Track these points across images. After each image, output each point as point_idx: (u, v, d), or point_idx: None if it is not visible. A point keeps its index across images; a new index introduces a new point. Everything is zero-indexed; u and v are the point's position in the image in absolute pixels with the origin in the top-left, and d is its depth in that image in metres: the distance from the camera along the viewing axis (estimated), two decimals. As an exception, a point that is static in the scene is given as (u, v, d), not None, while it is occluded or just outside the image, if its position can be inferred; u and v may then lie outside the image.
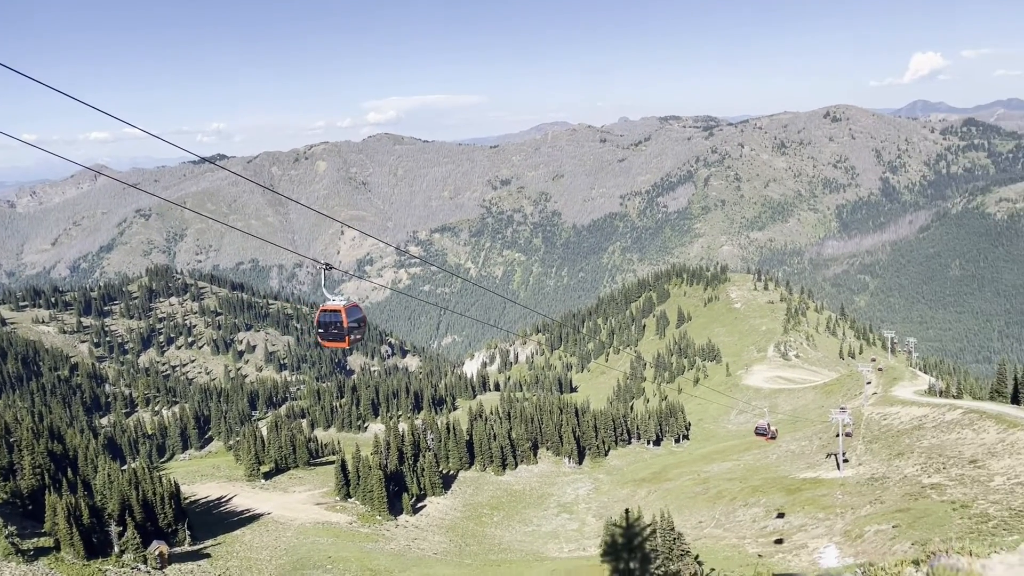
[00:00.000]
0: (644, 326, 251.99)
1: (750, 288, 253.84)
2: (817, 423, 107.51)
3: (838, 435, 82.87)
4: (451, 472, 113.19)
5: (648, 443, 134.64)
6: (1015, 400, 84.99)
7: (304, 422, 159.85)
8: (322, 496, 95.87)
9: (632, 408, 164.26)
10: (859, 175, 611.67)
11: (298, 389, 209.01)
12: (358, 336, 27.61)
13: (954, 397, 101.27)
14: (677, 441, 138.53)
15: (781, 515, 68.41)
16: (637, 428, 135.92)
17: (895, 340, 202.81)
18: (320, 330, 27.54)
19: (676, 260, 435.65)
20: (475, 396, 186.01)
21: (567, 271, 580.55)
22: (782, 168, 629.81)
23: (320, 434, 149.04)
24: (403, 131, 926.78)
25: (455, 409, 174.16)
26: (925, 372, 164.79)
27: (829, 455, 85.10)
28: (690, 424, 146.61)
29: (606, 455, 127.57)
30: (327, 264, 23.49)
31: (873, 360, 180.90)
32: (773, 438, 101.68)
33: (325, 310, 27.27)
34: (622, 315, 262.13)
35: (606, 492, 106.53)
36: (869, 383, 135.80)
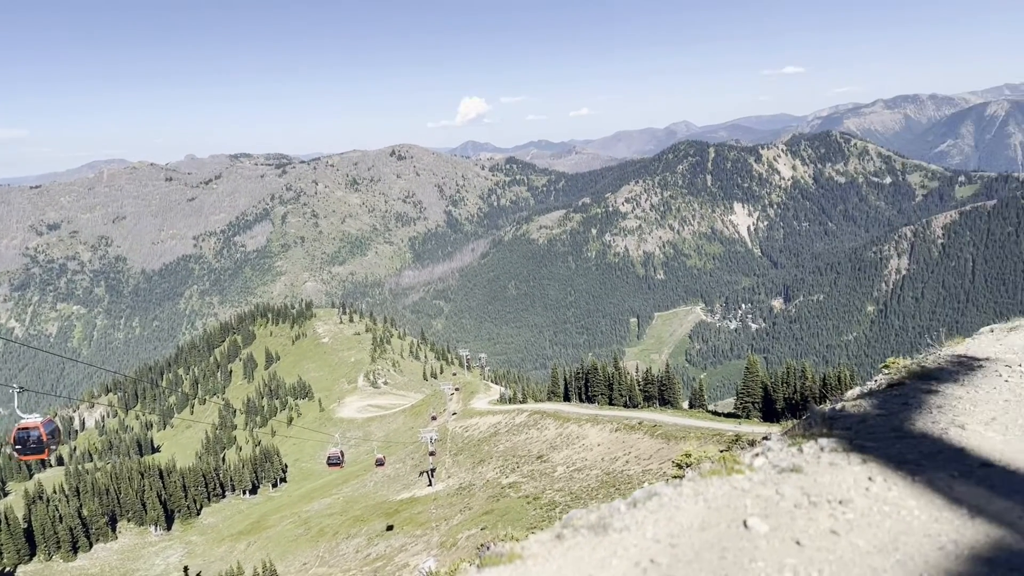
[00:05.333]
0: (231, 371, 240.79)
1: (336, 322, 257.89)
2: (409, 444, 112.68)
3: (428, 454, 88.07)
4: (7, 569, 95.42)
5: (244, 493, 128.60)
6: (566, 397, 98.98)
7: None
8: None
9: (224, 459, 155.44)
10: (426, 209, 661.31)
11: None
12: (54, 447, 29.13)
13: (521, 402, 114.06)
14: (275, 485, 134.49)
15: (390, 527, 70.36)
16: (231, 479, 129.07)
17: (469, 357, 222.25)
18: (18, 446, 28.70)
19: (260, 300, 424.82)
20: (32, 476, 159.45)
21: (139, 321, 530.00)
22: (357, 204, 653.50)
23: None
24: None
25: (6, 495, 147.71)
26: (496, 383, 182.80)
27: (422, 473, 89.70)
28: (287, 466, 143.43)
29: (198, 514, 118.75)
30: (21, 387, 25.37)
31: (455, 375, 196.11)
32: (381, 464, 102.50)
33: (22, 428, 28.61)
34: (206, 362, 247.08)
35: (201, 554, 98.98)
36: (453, 396, 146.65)
